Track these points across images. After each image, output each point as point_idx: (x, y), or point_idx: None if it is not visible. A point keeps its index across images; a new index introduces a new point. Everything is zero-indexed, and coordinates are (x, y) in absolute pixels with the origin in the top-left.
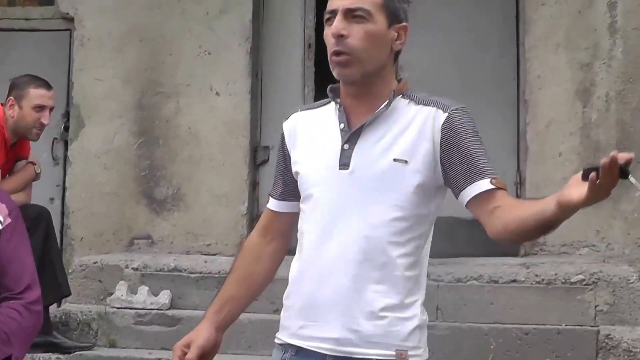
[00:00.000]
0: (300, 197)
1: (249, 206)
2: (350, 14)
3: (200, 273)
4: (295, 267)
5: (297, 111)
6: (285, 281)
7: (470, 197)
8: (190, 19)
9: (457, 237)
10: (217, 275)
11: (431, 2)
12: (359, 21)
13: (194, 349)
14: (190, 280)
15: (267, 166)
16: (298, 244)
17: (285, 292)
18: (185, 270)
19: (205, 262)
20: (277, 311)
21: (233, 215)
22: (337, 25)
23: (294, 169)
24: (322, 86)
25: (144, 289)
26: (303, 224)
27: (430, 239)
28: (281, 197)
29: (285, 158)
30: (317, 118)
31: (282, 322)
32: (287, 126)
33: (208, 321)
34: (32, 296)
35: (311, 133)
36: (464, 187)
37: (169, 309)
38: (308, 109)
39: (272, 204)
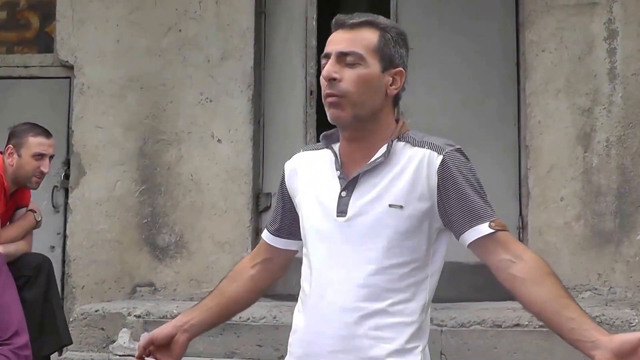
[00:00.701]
0: (294, 235)
1: None
2: (344, 58)
3: None
4: (297, 314)
5: (300, 151)
6: (287, 328)
7: (470, 241)
8: (191, 66)
9: (460, 281)
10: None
11: (433, 46)
12: (352, 65)
13: (146, 337)
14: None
15: (270, 213)
16: (300, 291)
17: (289, 338)
18: None
19: None
20: (282, 357)
21: (236, 261)
22: (328, 68)
23: (298, 211)
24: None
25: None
26: (304, 271)
27: (434, 281)
28: (275, 233)
29: (284, 197)
30: (318, 160)
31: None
32: (289, 166)
33: (173, 321)
34: (20, 341)
35: (312, 176)
36: (463, 232)
37: None
38: (312, 149)
39: (266, 236)
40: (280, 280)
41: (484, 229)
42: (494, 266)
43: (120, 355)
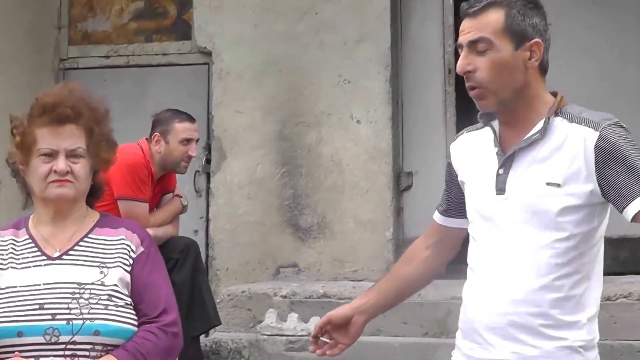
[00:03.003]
0: (463, 214)
1: (394, 232)
2: (474, 46)
3: (349, 299)
4: (465, 291)
5: (463, 133)
6: (432, 305)
7: (635, 212)
8: (328, 49)
9: (604, 255)
10: None
11: (568, 18)
12: (483, 52)
13: (323, 318)
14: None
15: (411, 192)
16: (467, 268)
17: (460, 315)
18: (334, 296)
19: (354, 287)
20: (427, 334)
21: (378, 241)
22: (461, 62)
23: (463, 190)
24: (463, 111)
25: (293, 316)
26: (470, 249)
27: (596, 253)
28: (445, 214)
29: (451, 178)
30: (479, 139)
31: (456, 342)
32: (453, 147)
33: (350, 303)
34: (168, 319)
35: (474, 155)
36: (628, 203)
37: None
38: (474, 129)
39: (436, 217)
40: None
41: None
42: None
43: (268, 335)
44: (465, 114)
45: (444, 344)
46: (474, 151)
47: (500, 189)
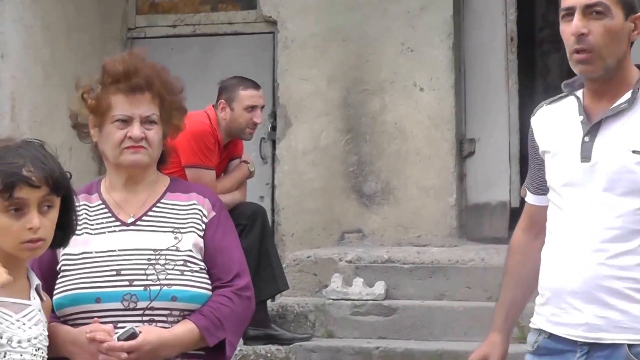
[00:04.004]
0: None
1: (457, 198)
2: (589, 11)
3: (413, 264)
4: (545, 257)
5: (542, 106)
6: (496, 269)
7: None
8: (392, 18)
9: None
10: (430, 266)
11: None
12: (598, 17)
13: None
14: (404, 271)
15: (473, 158)
16: (546, 233)
17: (539, 280)
18: (398, 261)
19: (418, 253)
20: (491, 299)
21: (442, 207)
22: (576, 24)
23: (545, 160)
24: (526, 79)
25: (358, 281)
26: (550, 215)
27: None
28: (538, 192)
29: (536, 153)
30: (560, 110)
31: (536, 308)
32: (535, 121)
33: (500, 333)
34: (242, 283)
35: (556, 126)
36: None
37: (384, 299)
38: (552, 102)
39: (531, 199)
40: (487, 224)
41: None
42: None
43: (333, 299)
44: (527, 81)
45: None
46: (555, 121)
47: (586, 157)
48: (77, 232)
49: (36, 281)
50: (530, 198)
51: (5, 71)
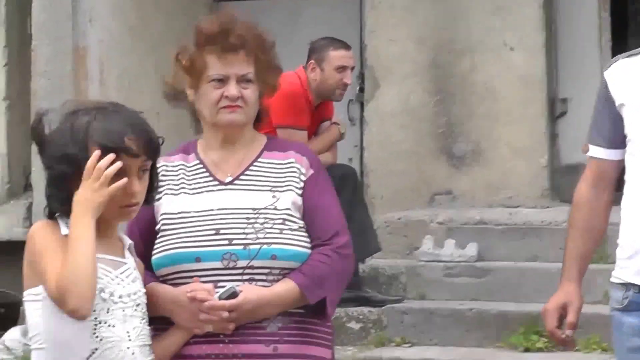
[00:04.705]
0: (624, 144)
1: (549, 158)
2: None
3: (505, 225)
4: (629, 210)
5: (617, 60)
6: None
7: None
8: None
9: None
10: (522, 227)
11: None
12: None
13: (574, 312)
14: (496, 232)
15: (566, 118)
16: (627, 186)
17: (621, 233)
18: (490, 222)
19: (510, 214)
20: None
21: (533, 168)
22: None
23: (623, 113)
24: (618, 38)
25: (450, 242)
26: (632, 168)
27: None
28: (611, 146)
29: (611, 106)
30: (637, 65)
31: (619, 262)
32: (610, 74)
33: (575, 283)
34: (341, 241)
35: (635, 77)
36: None
37: (476, 261)
38: (629, 56)
39: (602, 153)
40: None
41: None
42: None
43: (425, 261)
44: (620, 40)
45: (602, 270)
46: (634, 73)
47: None
48: (175, 192)
49: (128, 241)
50: (601, 152)
51: (94, 35)
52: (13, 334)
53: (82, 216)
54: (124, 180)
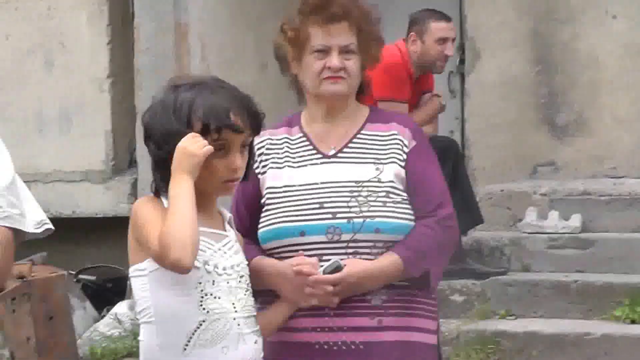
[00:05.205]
0: None
1: None
2: None
3: (610, 196)
4: None
5: None
6: None
7: None
8: None
9: None
10: (627, 197)
11: None
12: None
13: None
14: (601, 204)
15: None
16: None
17: None
18: (594, 193)
19: (614, 184)
20: None
21: (638, 138)
22: None
23: None
24: None
25: (554, 214)
26: None
27: None
28: None
29: None
30: None
31: None
32: None
33: None
34: (444, 212)
35: None
36: None
37: (580, 232)
38: None
39: None
40: None
41: None
42: None
43: (528, 233)
44: None
45: None
46: None
47: None
48: (279, 165)
49: (228, 214)
50: None
51: (195, 12)
52: (122, 308)
53: (180, 175)
54: (209, 147)
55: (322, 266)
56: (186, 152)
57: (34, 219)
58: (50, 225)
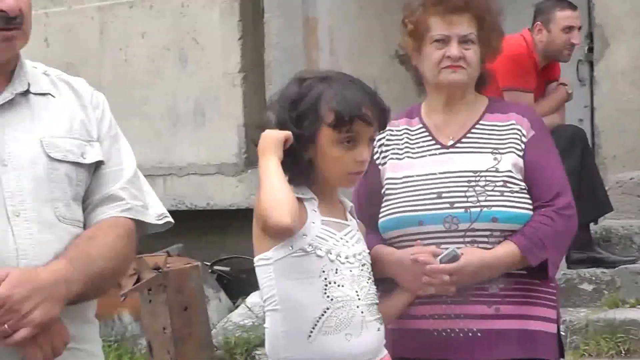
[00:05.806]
0: None
1: None
2: None
3: None
4: None
5: None
6: None
7: None
8: None
9: None
10: None
11: None
12: None
13: None
14: None
15: None
16: None
17: None
18: None
19: None
20: None
21: None
22: None
23: None
24: None
25: None
26: None
27: None
28: None
29: None
30: None
31: None
32: None
33: None
34: (563, 202)
35: None
36: None
37: None
38: None
39: None
40: None
41: None
42: None
43: None
44: None
45: None
46: None
47: None
48: (399, 156)
49: (349, 204)
50: None
51: (323, 5)
52: (255, 298)
53: (264, 156)
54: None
55: (439, 255)
56: (267, 135)
57: (155, 212)
58: (170, 219)
